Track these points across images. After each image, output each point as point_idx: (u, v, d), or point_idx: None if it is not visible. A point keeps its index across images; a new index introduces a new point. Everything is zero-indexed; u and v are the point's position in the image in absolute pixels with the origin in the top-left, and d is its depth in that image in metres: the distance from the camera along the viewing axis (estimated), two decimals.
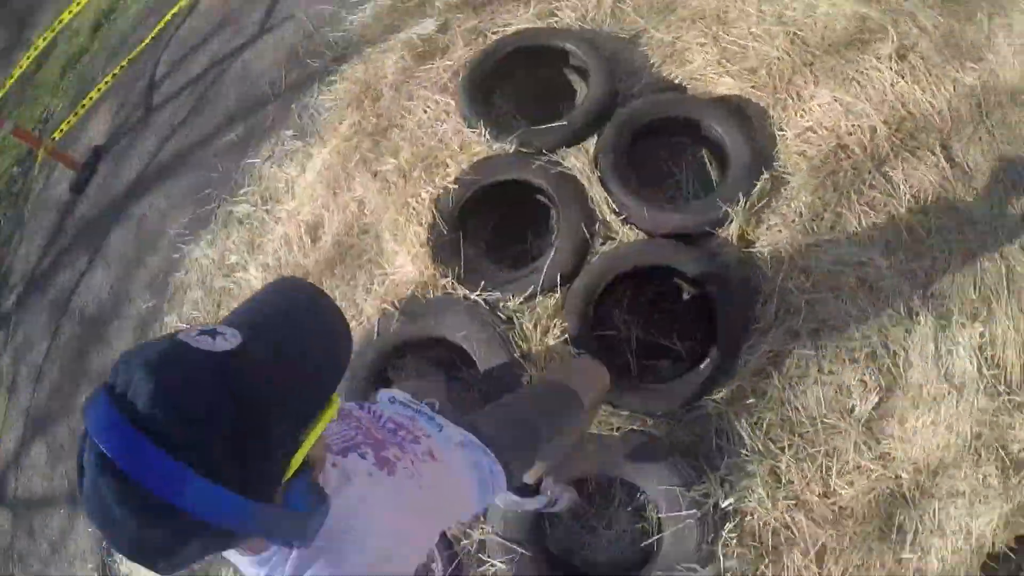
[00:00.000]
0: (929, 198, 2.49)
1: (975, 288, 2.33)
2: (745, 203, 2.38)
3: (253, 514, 0.74)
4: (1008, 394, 2.15)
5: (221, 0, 3.88)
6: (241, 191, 3.11)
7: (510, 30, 2.99)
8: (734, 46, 2.83)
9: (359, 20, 3.37)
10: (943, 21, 2.81)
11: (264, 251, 2.93)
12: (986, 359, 2.20)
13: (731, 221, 2.38)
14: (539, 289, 2.37)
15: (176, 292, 3.01)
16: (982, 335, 2.22)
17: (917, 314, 2.26)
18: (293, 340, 0.83)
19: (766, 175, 2.45)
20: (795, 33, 2.82)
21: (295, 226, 2.90)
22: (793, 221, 2.43)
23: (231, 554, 0.91)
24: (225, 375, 0.73)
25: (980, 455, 2.08)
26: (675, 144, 2.72)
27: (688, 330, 2.42)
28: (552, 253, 2.40)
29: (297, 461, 0.80)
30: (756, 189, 2.42)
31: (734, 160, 2.48)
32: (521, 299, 2.37)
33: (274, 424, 0.76)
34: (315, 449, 0.85)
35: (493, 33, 3.01)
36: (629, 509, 2.24)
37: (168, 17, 3.73)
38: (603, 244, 2.45)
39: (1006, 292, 2.33)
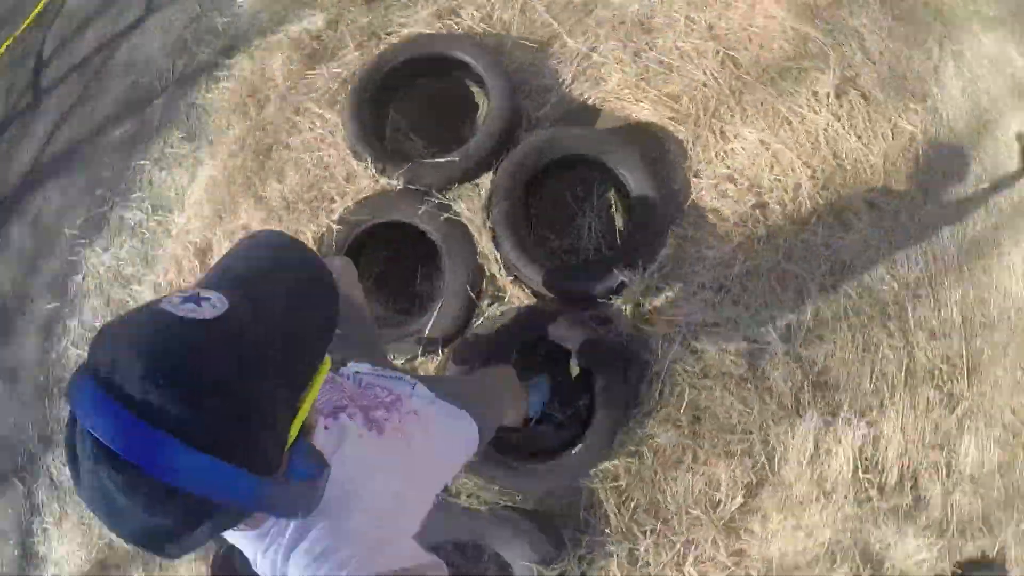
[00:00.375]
0: (846, 271, 2.25)
1: (871, 379, 2.16)
2: (643, 275, 2.13)
3: (262, 489, 0.68)
4: (880, 498, 2.04)
5: None
6: (132, 195, 2.82)
7: (405, 32, 2.59)
8: (656, 64, 2.45)
9: (248, 4, 2.92)
10: (891, 46, 2.43)
11: (155, 269, 2.71)
12: (865, 460, 2.07)
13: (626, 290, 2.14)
14: (420, 352, 2.18)
15: (76, 297, 2.83)
16: (864, 436, 2.08)
17: (804, 408, 2.10)
18: (280, 298, 0.75)
19: (670, 244, 2.19)
20: (726, 52, 2.45)
21: (183, 246, 2.65)
22: (694, 293, 2.20)
23: (228, 532, 0.85)
24: (216, 344, 0.65)
25: (836, 559, 2.02)
26: (580, 178, 2.41)
27: (572, 395, 2.24)
28: (435, 314, 2.18)
29: (296, 427, 0.74)
30: (656, 261, 2.16)
31: (638, 213, 2.21)
32: (404, 360, 2.19)
33: (272, 390, 0.69)
34: (308, 414, 0.78)
35: (387, 34, 2.61)
36: (498, 571, 2.17)
37: None
38: (490, 304, 2.22)
39: (902, 386, 2.16)
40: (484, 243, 2.23)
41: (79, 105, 3.12)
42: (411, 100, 2.57)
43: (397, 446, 1.06)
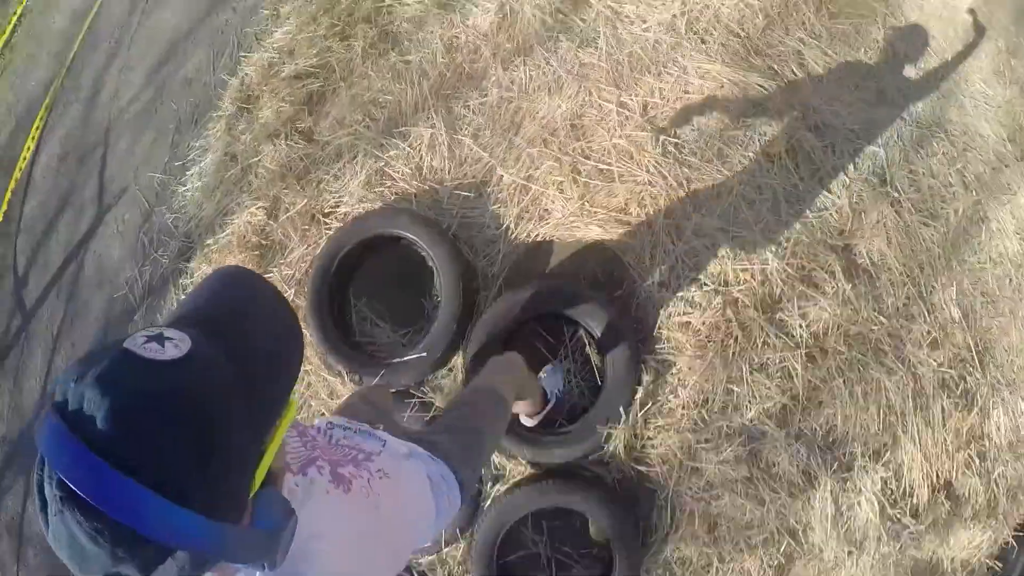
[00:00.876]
0: (829, 330, 2.26)
1: (879, 417, 2.21)
2: (626, 419, 2.22)
3: (225, 536, 0.68)
4: (916, 522, 2.14)
5: (54, 168, 3.44)
6: None
7: (341, 210, 2.59)
8: (595, 176, 2.39)
9: (190, 196, 2.97)
10: (832, 54, 2.35)
11: None
12: (890, 495, 2.15)
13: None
14: (442, 544, 2.34)
15: None
16: (884, 478, 2.15)
17: (816, 478, 2.19)
18: (244, 337, 0.77)
19: (645, 379, 2.23)
20: (666, 137, 2.35)
21: None
22: (681, 417, 2.27)
23: None
24: (180, 386, 0.67)
25: None
26: (551, 328, 2.42)
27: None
28: None
29: (262, 472, 0.75)
30: (635, 400, 2.24)
31: (611, 360, 2.25)
32: (426, 555, 2.38)
33: (236, 433, 0.70)
34: (276, 461, 0.80)
35: (325, 215, 2.62)
36: None
37: (6, 202, 3.38)
38: (494, 485, 2.35)
39: (912, 412, 2.20)
40: None
41: (65, 327, 3.27)
42: (368, 280, 2.61)
43: (364, 505, 1.05)
